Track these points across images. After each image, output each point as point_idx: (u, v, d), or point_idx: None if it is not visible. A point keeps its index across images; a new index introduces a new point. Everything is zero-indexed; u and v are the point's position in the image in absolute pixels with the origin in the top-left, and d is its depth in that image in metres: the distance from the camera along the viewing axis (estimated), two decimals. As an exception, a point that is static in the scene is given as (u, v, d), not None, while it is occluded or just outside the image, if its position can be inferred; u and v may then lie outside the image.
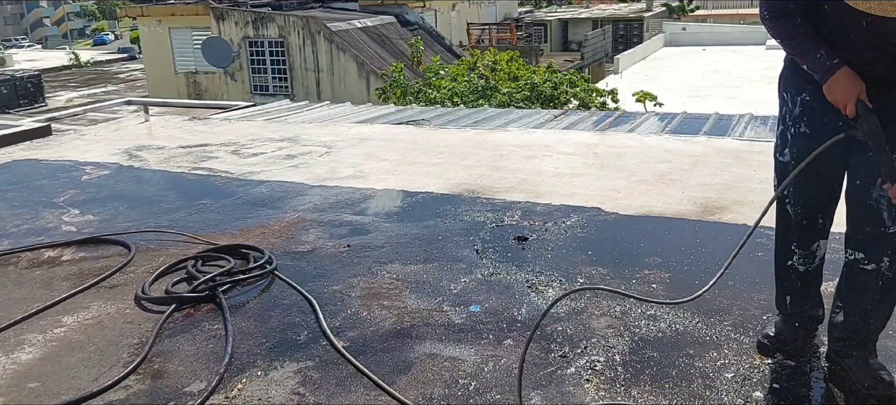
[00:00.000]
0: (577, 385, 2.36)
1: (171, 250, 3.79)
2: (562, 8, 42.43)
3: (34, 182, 5.45)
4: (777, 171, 2.35)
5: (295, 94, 19.08)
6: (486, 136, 6.48)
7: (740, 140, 5.77)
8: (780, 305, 2.53)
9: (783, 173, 2.29)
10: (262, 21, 19.90)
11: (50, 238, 4.07)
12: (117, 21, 59.75)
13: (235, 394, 2.40)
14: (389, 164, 5.55)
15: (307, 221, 4.21)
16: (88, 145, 6.82)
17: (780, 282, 2.48)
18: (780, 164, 2.33)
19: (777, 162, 2.35)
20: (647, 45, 29.37)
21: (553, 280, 3.20)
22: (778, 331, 2.51)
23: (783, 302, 2.50)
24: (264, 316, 2.98)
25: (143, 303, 3.13)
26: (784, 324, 2.51)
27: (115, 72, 40.98)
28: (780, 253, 2.43)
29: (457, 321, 2.85)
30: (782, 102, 2.30)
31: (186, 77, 22.35)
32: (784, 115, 2.29)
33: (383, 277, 3.32)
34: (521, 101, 13.31)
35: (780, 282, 2.48)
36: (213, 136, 7.07)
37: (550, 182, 4.78)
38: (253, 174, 5.40)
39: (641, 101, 14.05)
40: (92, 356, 2.69)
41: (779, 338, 2.49)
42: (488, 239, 3.76)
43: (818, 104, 2.15)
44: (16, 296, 3.28)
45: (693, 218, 3.93)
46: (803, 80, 2.18)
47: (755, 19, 37.11)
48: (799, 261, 2.37)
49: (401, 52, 20.13)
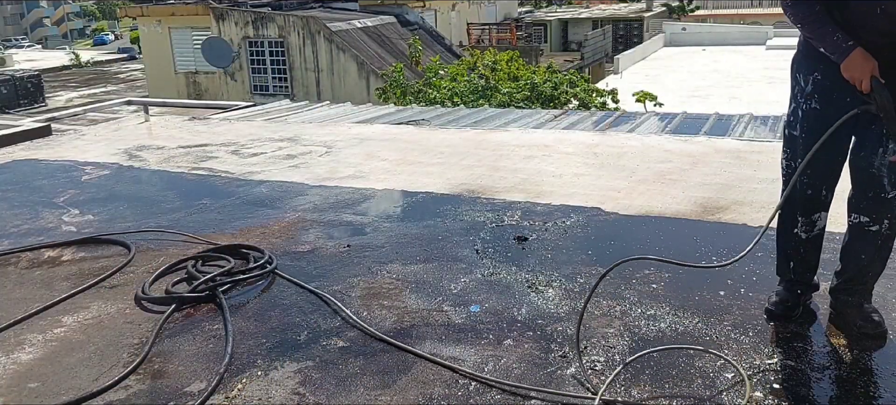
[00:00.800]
0: (578, 385, 2.36)
1: (171, 250, 3.79)
2: (562, 8, 42.45)
3: (34, 182, 5.45)
4: (787, 145, 2.61)
5: (295, 94, 19.08)
6: (486, 136, 6.49)
7: (740, 140, 5.78)
8: (782, 272, 2.78)
9: (793, 147, 2.57)
10: (262, 21, 19.91)
11: (50, 238, 4.07)
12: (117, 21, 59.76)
13: (235, 394, 2.40)
14: (389, 164, 5.55)
15: (307, 221, 4.21)
16: (88, 145, 6.82)
17: (784, 249, 2.73)
18: (790, 137, 2.58)
19: (788, 136, 2.59)
20: (647, 45, 29.36)
21: (553, 280, 3.20)
22: (782, 299, 2.75)
23: (786, 268, 2.75)
24: (264, 316, 2.98)
25: (143, 303, 3.13)
26: (787, 291, 2.76)
27: (115, 72, 40.99)
28: (785, 222, 2.68)
29: (457, 321, 2.85)
30: (794, 82, 2.56)
31: (186, 77, 22.36)
32: (796, 93, 2.54)
33: (383, 277, 3.32)
34: (522, 101, 13.31)
35: (784, 249, 2.73)
36: (213, 136, 7.07)
37: (550, 182, 4.78)
38: (253, 174, 5.40)
39: (641, 101, 14.04)
40: (92, 356, 2.69)
41: (783, 303, 2.73)
42: (488, 239, 3.76)
43: (828, 82, 2.42)
44: (16, 296, 3.28)
45: (693, 218, 3.93)
46: (815, 62, 2.45)
47: (755, 19, 37.18)
48: (802, 229, 2.64)
49: (401, 52, 20.13)
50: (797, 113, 2.54)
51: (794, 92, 2.56)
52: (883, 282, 2.76)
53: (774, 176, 4.61)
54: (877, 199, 2.44)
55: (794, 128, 2.55)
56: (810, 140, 2.46)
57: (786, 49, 23.69)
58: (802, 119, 2.51)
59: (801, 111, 2.52)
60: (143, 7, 23.31)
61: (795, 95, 2.55)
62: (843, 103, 2.38)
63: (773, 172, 4.72)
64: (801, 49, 2.55)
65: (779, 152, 2.69)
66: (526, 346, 2.62)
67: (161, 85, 22.28)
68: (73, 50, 49.68)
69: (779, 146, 2.70)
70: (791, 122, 2.56)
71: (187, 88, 22.22)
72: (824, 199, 2.57)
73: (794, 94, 2.56)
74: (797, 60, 2.56)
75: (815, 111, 2.47)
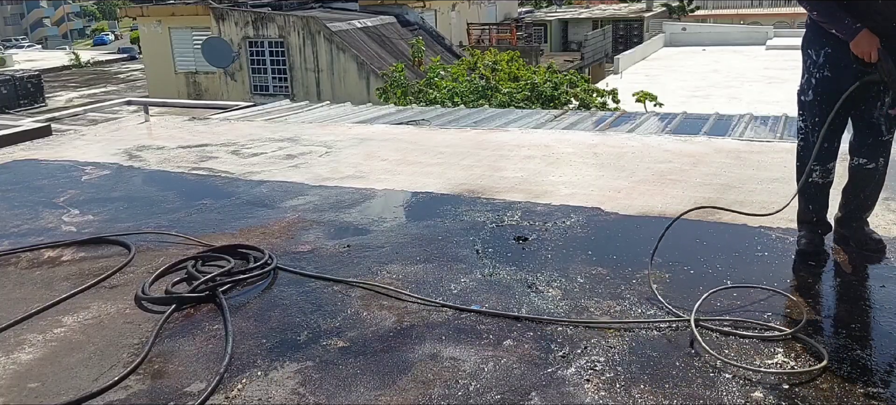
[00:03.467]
0: (578, 385, 2.36)
1: (171, 250, 3.79)
2: (562, 8, 42.45)
3: (34, 182, 5.45)
4: (802, 108, 3.19)
5: (295, 95, 19.08)
6: (486, 136, 6.48)
7: (740, 140, 5.77)
8: (805, 218, 3.34)
9: (808, 110, 3.15)
10: (262, 21, 19.90)
11: (50, 238, 4.07)
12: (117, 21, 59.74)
13: (235, 395, 2.40)
14: (389, 164, 5.55)
15: (307, 221, 4.21)
16: (88, 145, 6.82)
17: (805, 195, 3.28)
18: (804, 102, 3.17)
19: (802, 101, 3.18)
20: (647, 45, 29.36)
21: (553, 280, 3.19)
22: (809, 239, 3.30)
23: (807, 211, 3.32)
24: (264, 316, 2.98)
25: (143, 304, 3.13)
26: (810, 233, 3.32)
27: (115, 72, 41.00)
28: (805, 172, 3.18)
29: (457, 321, 2.85)
30: (806, 57, 3.13)
31: (186, 77, 22.36)
32: (809, 65, 3.11)
33: (383, 277, 3.32)
34: (522, 101, 13.31)
35: (805, 195, 3.28)
36: (213, 136, 7.07)
37: (550, 182, 4.78)
38: (253, 174, 5.40)
39: (641, 101, 14.04)
40: (92, 356, 2.69)
41: (811, 242, 3.29)
42: (488, 239, 3.76)
43: (837, 55, 3.00)
44: (16, 296, 3.28)
45: (693, 218, 3.93)
46: (825, 39, 3.03)
47: (755, 19, 37.19)
48: (818, 176, 3.21)
49: (401, 52, 20.13)
50: (810, 81, 3.10)
51: (807, 64, 3.12)
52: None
53: (775, 176, 4.63)
54: (875, 142, 3.10)
55: (807, 94, 3.13)
56: (825, 102, 3.04)
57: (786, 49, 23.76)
58: (816, 86, 3.08)
59: (814, 80, 3.09)
60: (143, 7, 23.31)
61: (808, 67, 3.11)
62: (851, 71, 2.95)
63: (774, 172, 4.72)
64: (811, 29, 3.11)
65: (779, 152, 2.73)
66: (526, 347, 2.62)
67: (161, 85, 22.29)
68: (73, 50, 49.69)
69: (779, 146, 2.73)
70: (805, 89, 3.14)
71: (187, 88, 22.23)
72: (836, 150, 3.16)
73: (806, 66, 3.12)
74: (808, 38, 3.12)
75: (827, 78, 3.04)
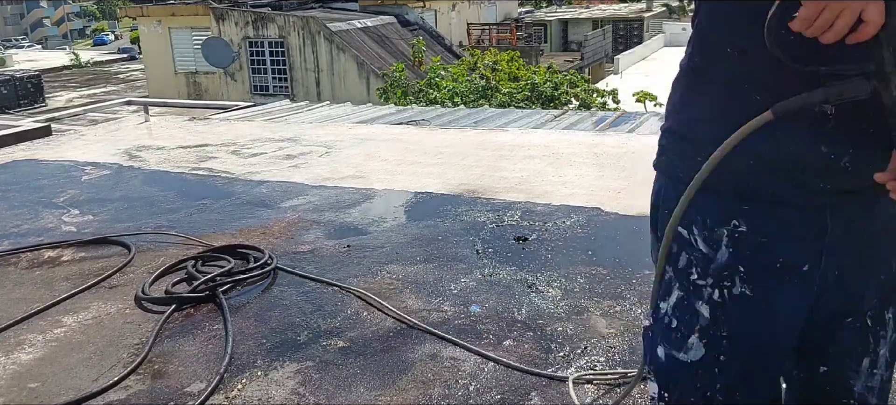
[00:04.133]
0: (577, 385, 2.36)
1: (171, 250, 3.79)
2: (562, 8, 42.44)
3: (34, 182, 5.45)
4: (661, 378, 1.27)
5: (295, 95, 19.07)
6: (486, 137, 6.49)
7: (740, 140, 5.77)
8: None
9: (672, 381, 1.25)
10: (262, 21, 19.90)
11: (50, 238, 4.07)
12: (117, 21, 59.73)
13: (235, 395, 2.40)
14: (389, 164, 5.55)
15: (307, 221, 4.21)
16: (88, 145, 6.82)
17: None
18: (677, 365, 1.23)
19: (673, 362, 1.23)
20: (647, 45, 29.38)
21: (553, 280, 3.20)
22: None
23: None
24: (264, 316, 2.98)
25: (143, 304, 3.13)
26: None
27: (115, 72, 40.98)
28: None
29: (457, 321, 2.85)
30: (675, 243, 1.20)
31: (186, 77, 22.35)
32: (685, 265, 1.20)
33: (383, 277, 3.32)
34: (522, 101, 13.31)
35: None
36: (213, 136, 7.07)
37: (550, 182, 4.78)
38: (253, 174, 5.40)
39: (641, 101, 14.04)
40: (92, 356, 2.69)
41: None
42: (488, 239, 3.76)
43: (760, 232, 1.13)
44: (16, 296, 3.28)
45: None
46: (730, 198, 1.14)
47: (755, 19, 37.11)
48: None
49: (401, 52, 20.12)
50: (692, 308, 1.20)
51: (678, 262, 1.21)
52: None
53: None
54: None
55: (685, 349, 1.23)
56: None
57: (786, 49, 23.71)
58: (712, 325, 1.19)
59: (705, 303, 1.19)
60: (143, 7, 23.31)
61: (682, 269, 1.21)
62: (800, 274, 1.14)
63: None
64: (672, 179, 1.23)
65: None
66: (526, 347, 2.62)
67: (161, 85, 22.28)
68: (73, 50, 49.68)
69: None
70: (677, 338, 1.23)
71: (187, 88, 22.21)
72: None
73: (675, 266, 1.22)
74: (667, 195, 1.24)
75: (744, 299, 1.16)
